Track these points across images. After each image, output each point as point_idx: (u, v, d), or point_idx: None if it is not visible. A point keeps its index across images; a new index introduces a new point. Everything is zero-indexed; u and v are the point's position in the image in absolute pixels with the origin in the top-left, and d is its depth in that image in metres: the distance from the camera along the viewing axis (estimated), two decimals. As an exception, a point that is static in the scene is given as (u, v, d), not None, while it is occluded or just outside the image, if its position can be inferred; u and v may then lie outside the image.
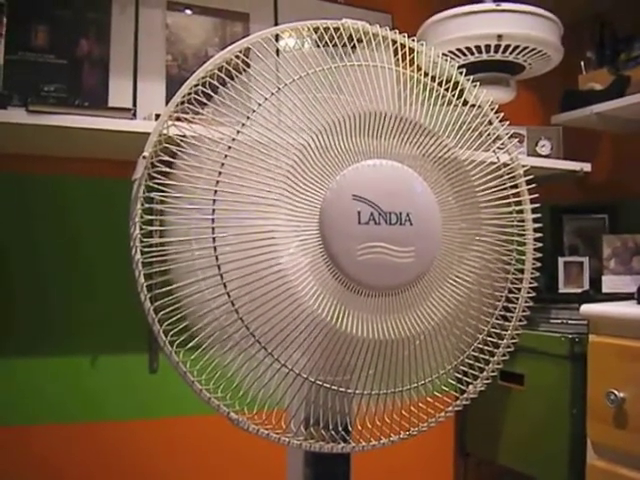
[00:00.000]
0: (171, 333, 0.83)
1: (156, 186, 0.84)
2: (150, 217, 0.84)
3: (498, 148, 1.00)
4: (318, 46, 0.90)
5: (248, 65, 0.87)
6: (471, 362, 0.97)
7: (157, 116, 1.46)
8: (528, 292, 1.01)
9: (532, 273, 1.02)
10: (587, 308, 1.55)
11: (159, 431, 1.80)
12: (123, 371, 1.76)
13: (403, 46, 0.97)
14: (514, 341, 1.00)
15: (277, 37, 0.91)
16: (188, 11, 1.81)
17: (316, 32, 0.92)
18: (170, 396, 1.78)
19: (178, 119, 0.86)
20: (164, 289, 0.83)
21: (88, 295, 1.73)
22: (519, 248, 1.00)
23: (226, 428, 0.95)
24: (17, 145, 1.59)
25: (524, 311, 1.01)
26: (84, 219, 1.74)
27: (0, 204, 1.66)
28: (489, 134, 1.00)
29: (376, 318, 0.88)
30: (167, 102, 0.89)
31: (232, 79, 0.86)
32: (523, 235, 1.01)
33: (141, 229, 0.84)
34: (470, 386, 0.99)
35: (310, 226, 0.85)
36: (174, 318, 0.83)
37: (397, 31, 0.97)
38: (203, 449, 1.84)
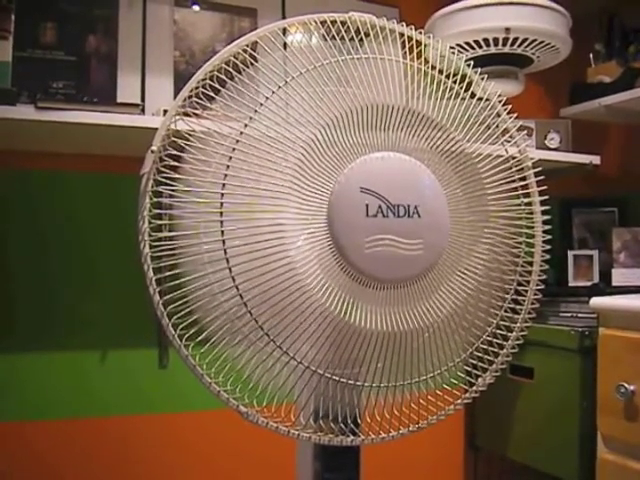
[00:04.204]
0: (180, 327, 0.83)
1: (164, 180, 0.84)
2: (159, 211, 0.85)
3: (506, 141, 1.00)
4: (325, 39, 0.90)
5: (256, 59, 0.87)
6: (480, 355, 0.97)
7: (165, 112, 1.46)
8: (537, 284, 1.01)
9: (541, 265, 1.02)
10: (597, 301, 1.54)
11: (169, 426, 1.80)
12: (132, 367, 1.77)
13: (411, 39, 0.96)
14: (523, 334, 1.00)
15: (284, 31, 0.91)
16: (196, 7, 1.81)
17: (323, 25, 0.92)
18: (180, 391, 1.79)
19: (186, 113, 0.86)
20: (173, 283, 0.84)
21: (96, 291, 1.74)
22: (528, 240, 1.00)
23: (236, 424, 0.96)
24: (25, 141, 1.59)
25: (533, 304, 1.01)
26: (92, 215, 1.74)
27: (8, 200, 1.67)
28: (497, 127, 0.99)
29: (385, 310, 0.88)
30: (175, 98, 0.89)
31: (240, 73, 0.86)
32: (532, 227, 1.01)
33: (150, 223, 0.85)
34: (479, 379, 0.99)
35: (318, 219, 0.85)
36: (183, 312, 0.83)
37: (404, 24, 0.97)
38: (213, 444, 1.85)
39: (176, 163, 0.84)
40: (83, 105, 1.41)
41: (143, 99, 1.70)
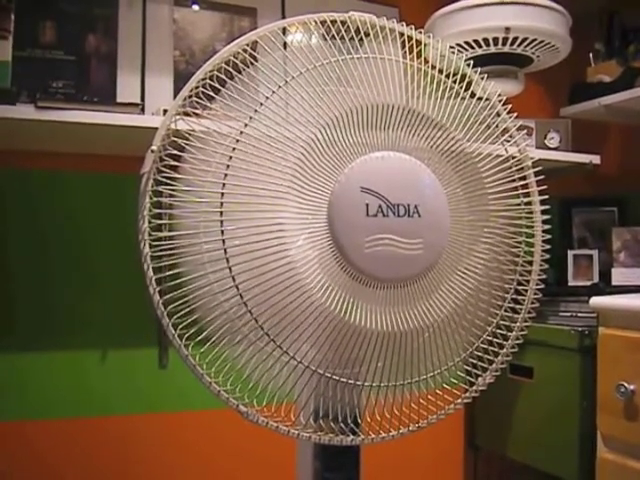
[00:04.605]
0: (180, 326, 0.83)
1: (164, 180, 0.84)
2: (159, 210, 0.85)
3: (506, 140, 1.00)
4: (325, 39, 0.90)
5: (255, 59, 0.87)
6: (480, 354, 0.97)
7: (165, 111, 1.45)
8: (537, 284, 1.01)
9: (541, 265, 1.02)
10: (596, 301, 1.54)
11: (169, 426, 1.80)
12: (132, 366, 1.77)
13: (410, 39, 0.96)
14: (523, 333, 1.00)
15: (284, 30, 0.91)
16: (195, 6, 1.81)
17: (323, 25, 0.92)
18: (180, 391, 1.79)
19: (186, 113, 0.86)
20: (173, 282, 0.84)
21: (96, 290, 1.74)
22: (528, 240, 1.00)
23: (235, 423, 0.96)
24: (25, 141, 1.59)
25: (533, 303, 1.01)
26: (91, 215, 1.74)
27: (8, 199, 1.67)
28: (497, 126, 0.99)
29: (385, 310, 0.88)
30: (175, 97, 0.89)
31: (240, 73, 0.86)
32: (532, 227, 1.01)
33: (150, 222, 0.85)
34: (479, 378, 0.99)
35: (318, 219, 0.85)
36: (183, 311, 0.83)
37: (404, 24, 0.97)
38: (213, 444, 1.85)
39: (176, 163, 0.84)
40: (83, 105, 1.41)
41: (143, 98, 1.70)
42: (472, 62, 1.00)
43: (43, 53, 1.61)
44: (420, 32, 0.98)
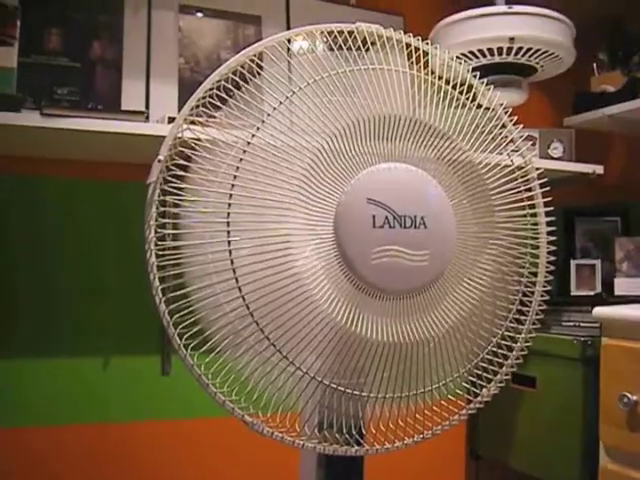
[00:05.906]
0: (186, 336, 0.83)
1: (171, 189, 0.84)
2: (165, 220, 0.85)
3: (512, 151, 1.00)
4: (332, 49, 0.90)
5: (262, 69, 0.87)
6: (485, 365, 0.97)
7: (170, 119, 1.46)
8: (542, 295, 1.01)
9: (546, 277, 1.02)
10: (599, 311, 1.54)
11: (171, 433, 1.80)
12: (135, 374, 1.77)
13: (417, 49, 0.97)
14: (528, 344, 1.00)
15: (289, 40, 0.91)
16: (200, 14, 1.82)
17: (330, 36, 0.92)
18: (183, 398, 1.78)
19: (193, 122, 0.87)
20: (179, 292, 0.84)
21: (99, 297, 1.74)
22: (533, 251, 1.00)
23: (238, 431, 0.95)
24: (30, 148, 1.59)
25: (538, 315, 1.01)
26: (96, 222, 1.74)
27: (12, 206, 1.67)
28: (502, 137, 0.99)
29: (390, 321, 0.88)
30: (180, 105, 0.89)
31: (246, 83, 0.86)
32: (537, 238, 1.01)
33: (156, 232, 0.85)
34: (484, 390, 0.99)
35: (325, 230, 0.85)
36: (189, 321, 0.83)
37: (411, 34, 0.97)
38: (215, 451, 1.85)
39: (183, 172, 0.84)
40: (88, 112, 1.41)
41: (147, 106, 1.69)
42: (477, 72, 1.00)
43: (48, 60, 1.62)
44: (427, 43, 0.98)
